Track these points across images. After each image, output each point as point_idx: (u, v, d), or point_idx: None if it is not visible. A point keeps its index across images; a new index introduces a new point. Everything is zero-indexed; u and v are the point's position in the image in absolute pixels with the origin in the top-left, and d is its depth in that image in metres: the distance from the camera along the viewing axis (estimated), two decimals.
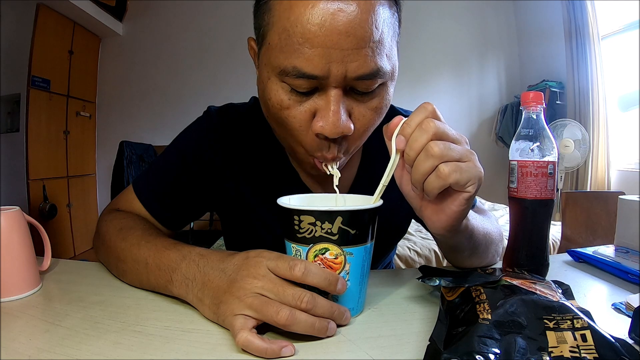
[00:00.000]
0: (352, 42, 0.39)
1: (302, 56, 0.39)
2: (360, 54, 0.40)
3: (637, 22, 2.33)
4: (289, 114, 0.44)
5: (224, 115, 0.61)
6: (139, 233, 0.51)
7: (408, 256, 1.83)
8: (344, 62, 0.40)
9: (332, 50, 0.39)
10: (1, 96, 2.54)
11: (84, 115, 3.21)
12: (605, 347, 0.28)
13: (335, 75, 0.40)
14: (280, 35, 0.41)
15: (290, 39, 0.40)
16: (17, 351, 0.34)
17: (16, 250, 0.46)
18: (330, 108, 0.42)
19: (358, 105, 0.44)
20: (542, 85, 3.04)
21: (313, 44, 0.39)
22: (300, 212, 0.37)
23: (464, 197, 0.39)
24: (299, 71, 0.40)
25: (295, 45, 0.40)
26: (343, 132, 0.43)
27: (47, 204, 2.61)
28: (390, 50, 0.43)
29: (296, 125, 0.45)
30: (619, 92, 2.58)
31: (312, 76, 0.40)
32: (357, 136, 0.46)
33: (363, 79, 0.41)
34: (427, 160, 0.37)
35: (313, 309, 0.35)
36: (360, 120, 0.45)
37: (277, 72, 0.42)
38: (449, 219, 0.41)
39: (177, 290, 0.42)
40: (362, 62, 0.40)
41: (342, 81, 0.41)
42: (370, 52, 0.40)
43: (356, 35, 0.39)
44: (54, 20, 2.77)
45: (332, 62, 0.39)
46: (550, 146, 0.46)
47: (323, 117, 0.42)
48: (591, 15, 2.68)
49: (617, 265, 0.53)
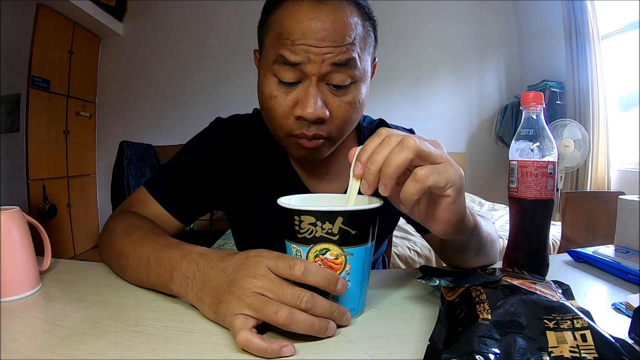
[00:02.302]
0: (329, 41, 0.49)
1: (288, 49, 0.50)
2: (335, 50, 0.50)
3: (637, 22, 2.33)
4: (276, 102, 0.53)
5: (230, 124, 0.69)
6: (144, 232, 0.52)
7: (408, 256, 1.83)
8: (321, 53, 0.49)
9: (312, 46, 0.49)
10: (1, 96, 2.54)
11: (84, 115, 3.21)
12: (605, 347, 0.28)
13: (313, 63, 0.49)
14: (273, 38, 0.52)
15: (280, 39, 0.51)
16: (17, 351, 0.34)
17: (16, 250, 0.46)
18: (309, 95, 0.51)
19: (333, 97, 0.53)
20: (542, 85, 3.04)
21: (297, 40, 0.49)
22: (300, 212, 0.37)
23: (448, 203, 0.38)
24: (284, 59, 0.50)
25: (283, 41, 0.50)
26: (319, 115, 0.51)
27: (47, 204, 2.61)
28: (361, 53, 0.53)
29: (280, 112, 0.53)
30: (619, 92, 2.58)
31: (294, 63, 0.50)
32: (335, 124, 0.54)
33: (337, 66, 0.50)
34: (401, 151, 0.35)
35: (313, 309, 0.35)
36: (335, 110, 0.53)
37: (270, 65, 0.52)
38: (446, 227, 0.41)
39: (177, 288, 0.42)
40: (336, 54, 0.50)
41: (319, 70, 0.50)
42: (344, 48, 0.50)
43: (332, 37, 0.49)
44: (54, 20, 2.77)
45: (311, 53, 0.49)
46: (550, 146, 0.46)
47: (302, 103, 0.51)
48: (591, 15, 2.68)
49: (617, 265, 0.53)
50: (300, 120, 0.52)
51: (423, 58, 3.56)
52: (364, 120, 0.73)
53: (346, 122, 0.55)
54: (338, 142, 0.58)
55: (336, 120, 0.54)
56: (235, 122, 0.69)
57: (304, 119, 0.52)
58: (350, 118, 0.55)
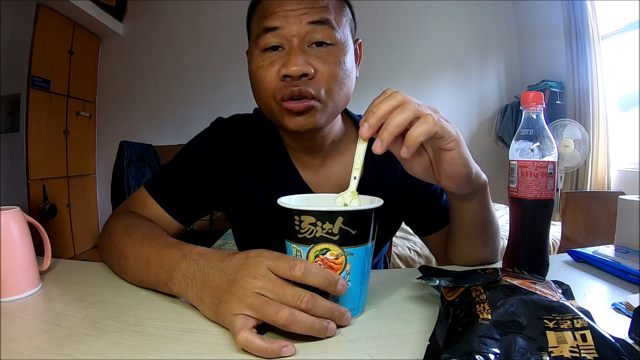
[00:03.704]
0: (304, 4, 0.53)
1: (267, 19, 0.54)
2: (310, 10, 0.54)
3: (637, 22, 2.33)
4: (263, 70, 0.55)
5: (231, 124, 0.69)
6: (145, 231, 0.52)
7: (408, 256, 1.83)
8: (298, 15, 0.53)
9: (289, 11, 0.53)
10: (1, 96, 2.54)
11: (84, 115, 3.21)
12: (605, 347, 0.28)
13: (292, 24, 0.53)
14: (256, 20, 0.57)
15: (262, 16, 0.55)
16: (17, 351, 0.34)
17: (16, 250, 0.46)
18: (291, 55, 0.53)
19: (317, 57, 0.55)
20: (542, 85, 3.04)
21: (275, 10, 0.54)
22: (300, 212, 0.37)
23: (453, 157, 0.43)
24: (265, 27, 0.54)
25: (264, 16, 0.55)
26: (302, 71, 0.52)
27: (47, 204, 2.62)
28: (337, 19, 0.56)
29: (268, 78, 0.55)
30: (619, 92, 2.58)
31: (274, 27, 0.53)
32: (322, 81, 0.55)
33: (315, 23, 0.53)
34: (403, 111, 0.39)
35: (313, 309, 0.35)
36: (320, 67, 0.54)
37: (255, 41, 0.56)
38: (459, 180, 0.46)
39: (176, 288, 0.43)
40: (312, 13, 0.53)
41: (298, 31, 0.53)
42: (319, 9, 0.54)
43: (307, 2, 0.54)
44: (54, 20, 2.77)
45: (289, 17, 0.53)
46: (550, 146, 0.46)
47: (286, 63, 0.53)
48: (591, 15, 2.68)
49: (617, 265, 0.53)
50: (286, 80, 0.53)
51: (423, 58, 3.56)
52: None
53: (333, 81, 0.55)
54: (329, 107, 0.57)
55: (322, 77, 0.54)
56: (236, 122, 0.69)
57: (289, 76, 0.53)
58: (337, 77, 0.56)
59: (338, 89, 0.56)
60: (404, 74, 3.55)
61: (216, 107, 3.43)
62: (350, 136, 0.68)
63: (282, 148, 0.66)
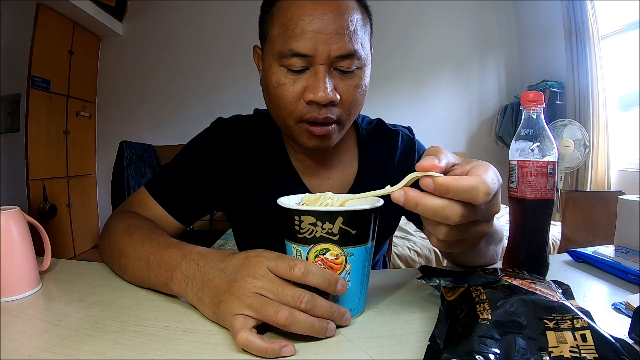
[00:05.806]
0: (333, 29, 0.51)
1: (296, 41, 0.51)
2: (340, 39, 0.52)
3: (637, 22, 2.33)
4: (285, 89, 0.54)
5: (231, 124, 0.69)
6: (145, 231, 0.52)
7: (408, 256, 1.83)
8: (328, 43, 0.51)
9: (319, 35, 0.51)
10: (1, 96, 2.54)
11: (84, 115, 3.21)
12: (605, 347, 0.28)
13: (321, 53, 0.51)
14: (279, 29, 0.53)
15: (287, 30, 0.52)
16: (17, 351, 0.34)
17: (16, 250, 0.46)
18: (319, 80, 0.52)
19: (341, 82, 0.54)
20: (542, 85, 3.04)
21: (304, 31, 0.51)
22: (300, 212, 0.37)
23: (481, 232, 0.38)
24: (293, 51, 0.52)
25: (290, 33, 0.52)
26: (331, 99, 0.52)
27: (47, 204, 2.61)
28: (363, 41, 0.55)
29: (290, 98, 0.54)
30: (619, 92, 2.58)
31: (303, 54, 0.52)
32: (345, 106, 0.56)
33: (343, 57, 0.52)
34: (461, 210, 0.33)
35: (312, 310, 0.35)
36: (345, 93, 0.55)
37: (277, 57, 0.53)
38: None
39: (176, 288, 0.43)
40: (341, 44, 0.52)
41: (327, 59, 0.52)
42: (347, 38, 0.52)
43: (336, 24, 0.51)
44: (54, 20, 2.77)
45: (319, 44, 0.51)
46: (550, 146, 0.46)
47: (313, 88, 0.52)
48: (591, 15, 2.68)
49: (617, 265, 0.53)
50: (312, 104, 0.53)
51: (423, 58, 3.56)
52: (362, 120, 0.73)
53: (354, 105, 0.57)
54: (346, 127, 0.59)
55: (346, 103, 0.55)
56: (236, 122, 0.69)
57: (316, 103, 0.53)
58: (358, 101, 0.57)
59: (356, 111, 0.58)
60: (405, 74, 3.55)
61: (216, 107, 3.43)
62: (350, 137, 0.68)
63: (282, 149, 0.66)
